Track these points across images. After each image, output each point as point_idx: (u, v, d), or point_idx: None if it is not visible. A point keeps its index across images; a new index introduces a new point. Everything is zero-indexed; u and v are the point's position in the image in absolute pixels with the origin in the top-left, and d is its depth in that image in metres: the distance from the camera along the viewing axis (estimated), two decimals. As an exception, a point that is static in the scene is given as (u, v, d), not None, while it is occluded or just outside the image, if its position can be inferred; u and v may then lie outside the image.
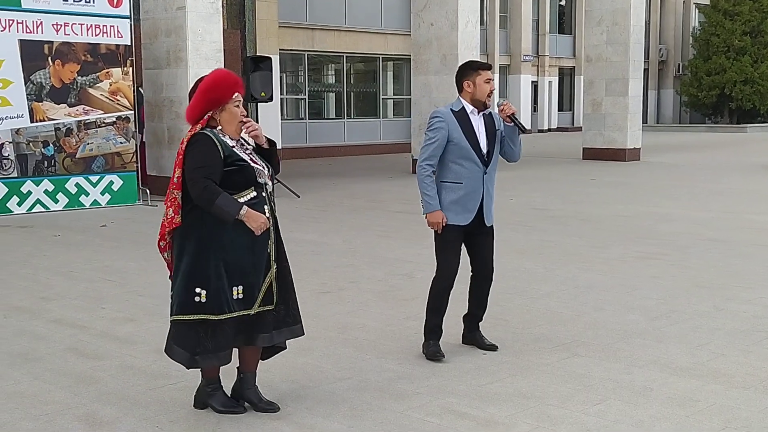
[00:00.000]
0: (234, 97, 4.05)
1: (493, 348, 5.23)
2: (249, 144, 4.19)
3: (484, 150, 5.00)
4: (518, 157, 5.23)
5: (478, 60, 5.29)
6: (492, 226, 5.19)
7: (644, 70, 28.75)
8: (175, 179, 3.98)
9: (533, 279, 7.37)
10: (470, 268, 5.24)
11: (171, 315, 4.08)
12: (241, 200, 3.97)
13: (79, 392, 4.52)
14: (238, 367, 4.26)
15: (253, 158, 4.11)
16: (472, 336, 5.32)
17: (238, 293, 3.99)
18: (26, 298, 6.79)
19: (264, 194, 4.09)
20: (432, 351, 5.05)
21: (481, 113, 5.04)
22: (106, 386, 4.61)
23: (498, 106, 5.03)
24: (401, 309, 6.26)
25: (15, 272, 7.86)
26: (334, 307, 6.41)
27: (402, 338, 5.46)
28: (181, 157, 3.99)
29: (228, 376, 4.27)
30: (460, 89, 5.06)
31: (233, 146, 4.04)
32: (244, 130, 4.09)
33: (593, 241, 9.29)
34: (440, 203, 4.96)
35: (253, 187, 4.04)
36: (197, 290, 3.96)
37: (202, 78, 4.11)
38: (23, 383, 4.68)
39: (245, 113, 4.14)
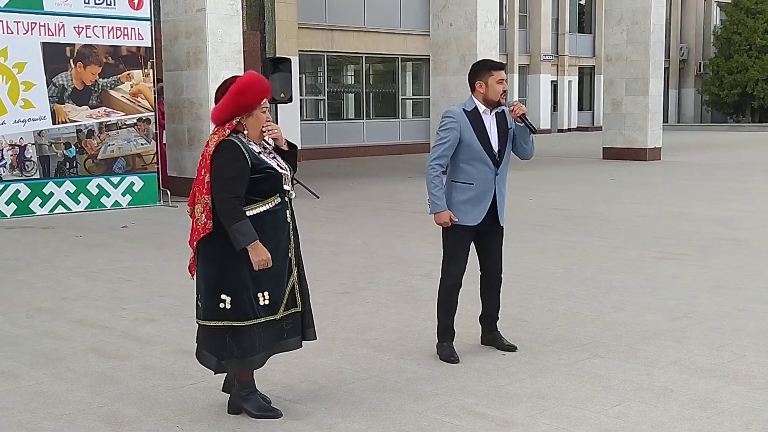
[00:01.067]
0: (262, 103, 4.06)
1: (512, 348, 5.22)
2: (269, 145, 4.19)
3: (496, 149, 4.98)
4: (531, 155, 5.21)
5: (492, 59, 5.25)
6: (502, 226, 5.18)
7: (665, 69, 28.54)
8: (205, 183, 3.96)
9: (553, 279, 7.35)
10: (479, 268, 5.23)
11: (198, 319, 4.11)
12: (267, 207, 4.01)
13: (101, 392, 4.56)
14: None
15: (279, 163, 4.12)
16: (491, 336, 5.31)
17: (264, 299, 4.02)
18: (48, 299, 6.85)
19: (287, 199, 4.12)
20: (446, 353, 5.05)
21: (493, 111, 5.02)
22: (127, 386, 4.65)
23: (508, 107, 5.00)
24: (420, 309, 6.26)
25: (37, 273, 7.93)
26: (352, 307, 6.42)
27: (421, 339, 5.46)
28: (208, 161, 3.96)
29: (262, 380, 4.29)
30: (473, 89, 5.05)
31: (259, 152, 4.05)
32: (265, 133, 4.09)
33: (613, 242, 9.25)
34: (451, 203, 4.97)
35: (278, 194, 4.07)
36: (222, 296, 3.98)
37: (232, 79, 4.09)
38: (45, 383, 4.73)
39: (270, 119, 4.15)
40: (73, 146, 12.34)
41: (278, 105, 14.79)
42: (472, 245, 5.16)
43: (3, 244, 9.70)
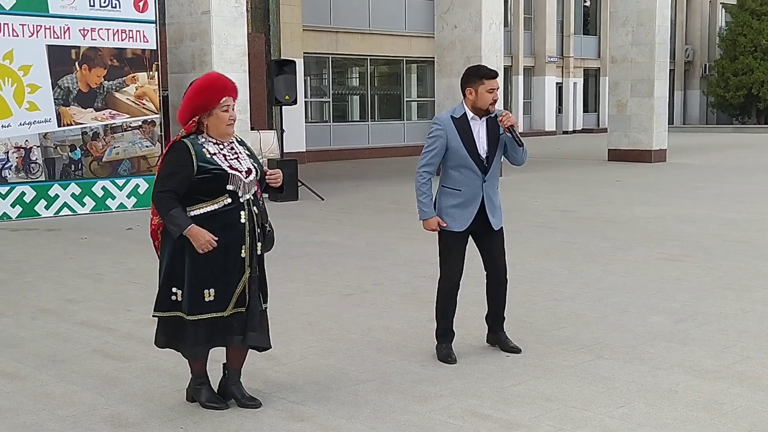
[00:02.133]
0: (222, 101, 4.08)
1: (516, 350, 5.21)
2: (242, 149, 4.23)
3: (483, 156, 4.95)
4: (522, 162, 5.13)
5: (486, 67, 5.21)
6: (501, 228, 5.15)
7: (670, 70, 28.51)
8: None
9: (557, 281, 7.34)
10: (484, 270, 5.23)
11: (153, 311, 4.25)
12: (215, 207, 4.07)
13: (105, 393, 4.57)
14: (224, 364, 4.36)
15: (236, 165, 4.13)
16: (496, 337, 5.31)
17: (209, 295, 4.09)
18: (53, 301, 6.86)
19: (241, 200, 4.12)
20: (444, 354, 5.06)
21: (483, 118, 4.97)
22: (132, 388, 4.65)
23: (497, 117, 4.95)
24: (424, 311, 6.25)
25: (42, 275, 7.95)
26: (357, 309, 6.42)
27: (425, 340, 5.45)
28: (161, 161, 4.17)
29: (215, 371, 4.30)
30: (463, 94, 5.02)
31: (214, 153, 4.09)
32: (267, 178, 4.24)
33: (618, 243, 9.24)
34: (440, 208, 5.00)
35: (227, 194, 4.09)
36: (173, 290, 4.13)
37: (193, 81, 4.17)
38: (50, 384, 4.74)
39: (234, 117, 4.17)
40: (78, 148, 12.38)
41: (283, 107, 14.82)
42: (476, 248, 5.15)
43: (8, 246, 9.72)
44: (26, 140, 11.90)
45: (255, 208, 4.18)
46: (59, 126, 12.19)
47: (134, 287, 7.34)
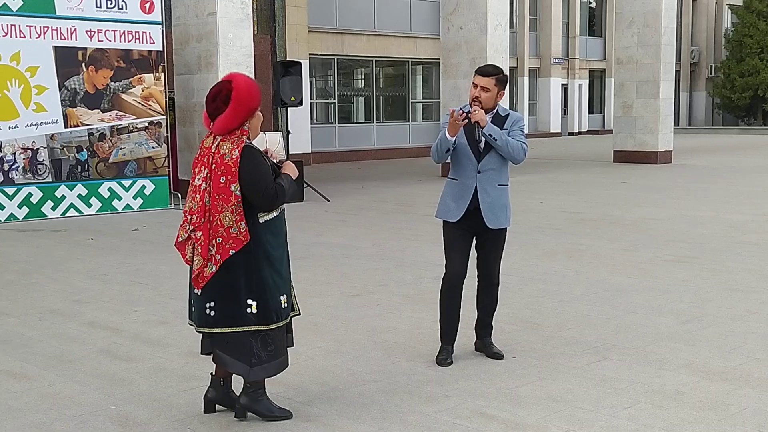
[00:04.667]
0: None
1: (498, 356, 5.10)
2: None
3: (481, 146, 4.92)
4: (516, 161, 4.99)
5: (488, 65, 5.21)
6: (500, 230, 5.02)
7: (676, 72, 28.44)
8: (234, 191, 3.89)
9: (564, 282, 7.34)
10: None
11: (207, 327, 4.03)
12: (277, 212, 4.06)
13: (112, 394, 4.58)
14: (212, 373, 4.26)
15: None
16: (481, 343, 5.23)
17: (284, 303, 4.07)
18: (60, 301, 6.88)
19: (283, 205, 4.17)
20: (440, 357, 5.03)
21: (488, 113, 4.95)
22: (139, 388, 4.67)
23: (470, 112, 4.88)
24: (430, 312, 6.24)
25: (49, 275, 7.97)
26: (363, 310, 6.43)
27: (431, 341, 5.45)
28: (234, 168, 3.90)
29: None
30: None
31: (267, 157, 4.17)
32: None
33: (624, 244, 9.23)
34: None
35: None
36: (249, 302, 3.96)
37: (222, 85, 4.06)
38: (57, 384, 4.75)
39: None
40: (84, 150, 12.40)
41: (289, 108, 14.83)
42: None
43: (15, 247, 9.75)
44: (33, 141, 11.94)
45: None
46: (66, 127, 12.22)
47: (141, 288, 7.35)
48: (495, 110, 4.99)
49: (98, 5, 12.34)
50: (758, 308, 6.32)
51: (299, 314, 4.29)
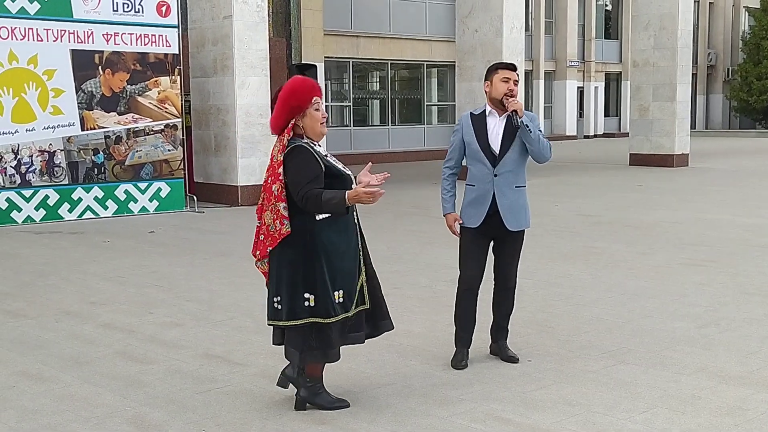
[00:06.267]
0: (313, 100, 4.18)
1: (513, 360, 5.09)
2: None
3: (496, 151, 4.89)
4: (542, 159, 4.99)
5: (503, 61, 5.26)
6: (518, 232, 5.01)
7: (692, 74, 28.29)
8: (275, 191, 4.08)
9: (579, 285, 7.31)
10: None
11: (276, 320, 4.19)
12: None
13: (128, 395, 4.59)
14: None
15: (344, 166, 4.28)
16: (497, 346, 5.21)
17: (339, 297, 4.15)
18: (76, 303, 6.91)
19: None
20: (455, 360, 5.03)
21: (504, 114, 4.92)
22: (154, 390, 4.68)
23: (506, 102, 4.90)
24: (445, 315, 6.23)
25: (66, 277, 8.01)
26: (378, 313, 6.41)
27: (446, 344, 5.44)
28: (277, 168, 4.08)
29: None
30: (485, 92, 5.06)
31: (326, 155, 4.21)
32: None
33: (640, 248, 9.18)
34: (462, 205, 5.01)
35: None
36: (306, 295, 4.11)
37: (281, 87, 4.24)
38: (73, 386, 4.77)
39: (326, 115, 4.27)
40: (101, 152, 12.47)
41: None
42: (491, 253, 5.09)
43: (32, 249, 9.81)
44: (50, 144, 12.01)
45: (356, 207, 4.27)
46: (83, 130, 12.28)
47: (156, 290, 7.38)
48: None
49: (115, 9, 12.40)
50: (776, 312, 6.27)
51: (367, 307, 4.31)
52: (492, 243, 5.07)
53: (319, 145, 4.25)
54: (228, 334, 5.81)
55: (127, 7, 12.53)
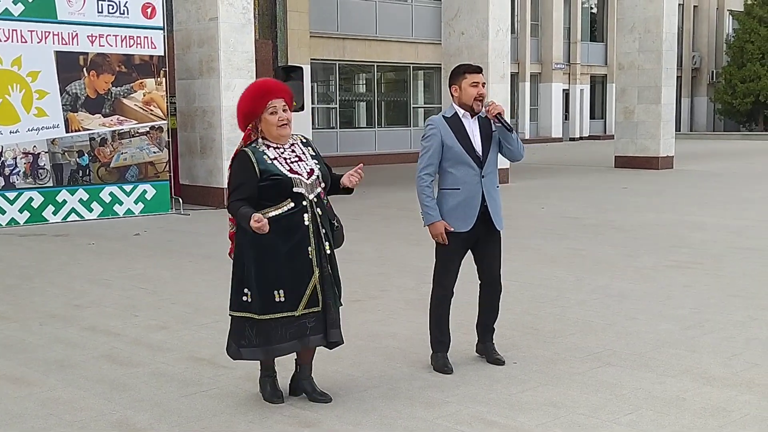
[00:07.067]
0: (268, 105, 4.19)
1: (500, 362, 5.08)
2: (305, 149, 4.35)
3: (479, 152, 4.91)
4: (519, 157, 5.09)
5: (469, 63, 5.24)
6: (499, 231, 5.05)
7: (677, 77, 28.42)
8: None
9: (564, 288, 7.33)
10: (478, 278, 5.14)
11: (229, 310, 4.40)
12: (279, 211, 4.18)
13: (113, 399, 4.57)
14: (296, 359, 4.51)
15: (297, 167, 4.23)
16: (483, 347, 5.20)
17: (280, 296, 4.20)
18: (61, 306, 6.88)
19: (304, 203, 4.22)
20: (440, 364, 5.00)
21: (475, 117, 4.95)
22: (140, 393, 4.66)
23: (485, 107, 4.93)
24: (432, 317, 6.24)
25: (50, 280, 7.96)
26: (364, 315, 6.42)
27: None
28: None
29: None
30: (451, 95, 5.02)
31: (274, 158, 4.21)
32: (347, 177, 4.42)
33: (625, 250, 9.22)
34: (442, 211, 4.91)
35: (290, 199, 4.20)
36: (245, 291, 4.24)
37: None
38: (58, 390, 4.75)
39: (285, 119, 4.24)
40: (86, 154, 12.41)
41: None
42: (469, 255, 5.08)
43: (16, 251, 9.75)
44: (34, 146, 11.95)
45: (319, 209, 4.28)
46: (67, 132, 12.23)
47: (142, 293, 7.35)
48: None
49: (100, 10, 12.36)
50: (759, 314, 6.31)
51: (319, 310, 4.28)
52: (472, 246, 5.04)
53: (282, 147, 4.26)
54: (214, 337, 5.79)
55: (112, 9, 12.48)
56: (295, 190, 4.19)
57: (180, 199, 13.44)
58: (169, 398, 4.56)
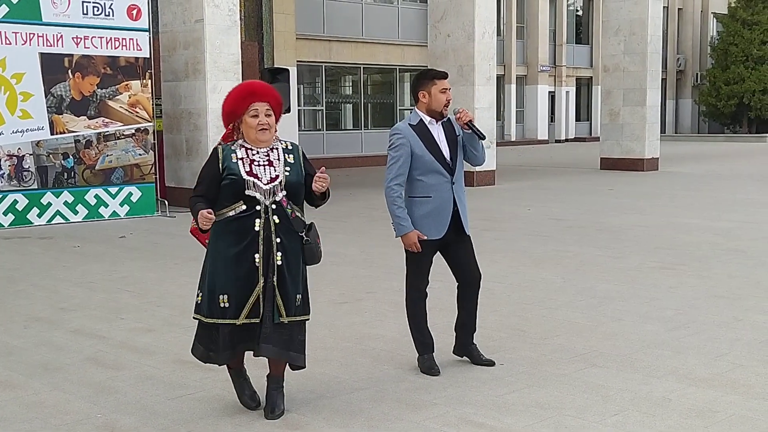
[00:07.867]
0: (249, 107, 4.15)
1: (489, 363, 5.08)
2: (284, 156, 4.23)
3: (448, 158, 4.91)
4: (482, 161, 5.14)
5: (435, 69, 5.23)
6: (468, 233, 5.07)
7: (662, 79, 28.52)
8: None
9: (550, 289, 7.35)
10: (455, 279, 5.13)
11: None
12: (232, 213, 4.12)
13: (99, 402, 4.55)
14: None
15: (258, 171, 4.13)
16: (466, 349, 5.17)
17: (223, 302, 4.13)
18: (46, 309, 6.84)
19: (258, 207, 4.11)
20: (426, 365, 4.99)
21: (439, 122, 4.95)
22: (125, 396, 4.64)
23: (455, 114, 4.93)
24: (418, 319, 6.24)
25: (35, 283, 7.92)
26: (351, 317, 6.42)
27: (419, 349, 5.45)
28: None
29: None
30: (416, 100, 4.98)
31: (241, 158, 4.14)
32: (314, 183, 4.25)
33: (611, 252, 9.25)
34: (413, 219, 4.88)
35: (242, 201, 4.11)
36: (198, 292, 4.24)
37: None
38: (43, 393, 4.72)
39: (265, 124, 4.16)
40: (71, 156, 12.35)
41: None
42: (440, 257, 5.06)
43: (1, 254, 9.69)
44: (19, 148, 11.88)
45: (276, 216, 4.14)
46: (52, 134, 12.17)
47: (127, 295, 7.32)
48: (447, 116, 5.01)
49: (85, 12, 12.31)
50: (744, 315, 6.35)
51: (258, 321, 4.13)
52: (443, 249, 5.02)
53: (256, 150, 4.17)
54: (200, 340, 5.76)
55: (98, 11, 12.43)
56: (247, 192, 4.08)
57: (166, 202, 13.40)
58: (156, 401, 4.55)
